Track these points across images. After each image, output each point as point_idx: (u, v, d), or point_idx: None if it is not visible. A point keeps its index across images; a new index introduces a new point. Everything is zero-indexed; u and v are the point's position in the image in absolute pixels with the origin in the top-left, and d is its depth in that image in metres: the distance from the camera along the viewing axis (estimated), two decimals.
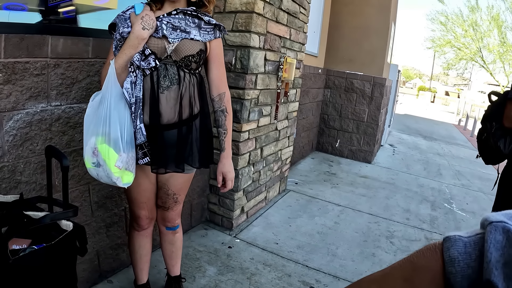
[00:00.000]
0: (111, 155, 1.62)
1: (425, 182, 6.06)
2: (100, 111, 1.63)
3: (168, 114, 1.77)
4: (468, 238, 0.54)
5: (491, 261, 0.48)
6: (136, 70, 1.67)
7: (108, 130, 1.62)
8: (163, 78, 1.73)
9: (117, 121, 1.63)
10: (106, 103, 1.62)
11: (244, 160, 3.42)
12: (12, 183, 1.82)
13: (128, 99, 1.66)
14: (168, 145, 1.80)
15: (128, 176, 1.70)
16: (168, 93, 1.74)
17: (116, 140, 1.62)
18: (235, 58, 3.14)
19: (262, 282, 2.74)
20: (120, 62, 1.65)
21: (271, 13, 3.26)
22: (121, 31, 1.68)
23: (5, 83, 1.70)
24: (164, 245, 2.26)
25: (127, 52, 1.65)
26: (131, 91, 1.66)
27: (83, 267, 2.31)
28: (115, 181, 1.66)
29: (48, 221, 1.37)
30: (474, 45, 24.89)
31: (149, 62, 1.68)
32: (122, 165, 1.64)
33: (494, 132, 2.61)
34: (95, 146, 1.62)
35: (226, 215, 3.50)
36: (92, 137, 1.63)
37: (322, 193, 4.83)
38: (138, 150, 1.75)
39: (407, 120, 15.87)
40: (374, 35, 6.51)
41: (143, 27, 1.63)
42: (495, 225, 0.51)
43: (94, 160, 1.63)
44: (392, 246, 3.56)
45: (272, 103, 3.71)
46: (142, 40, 1.65)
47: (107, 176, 1.64)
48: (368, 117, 6.63)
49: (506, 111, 2.53)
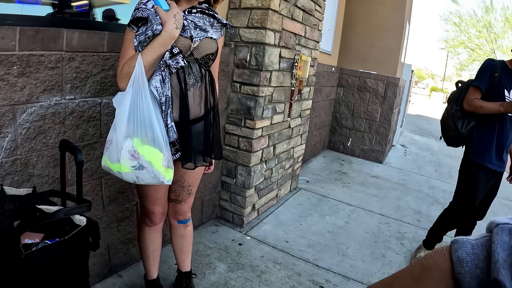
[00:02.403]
0: (157, 156, 1.60)
1: (436, 184, 6.00)
2: (134, 112, 1.59)
3: (195, 110, 1.79)
4: (476, 240, 0.56)
5: (498, 261, 0.50)
6: (165, 69, 1.66)
7: (149, 130, 1.60)
8: (188, 76, 1.73)
9: (155, 121, 1.61)
10: (140, 103, 1.59)
11: (257, 157, 3.40)
12: (25, 176, 1.82)
13: (158, 98, 1.64)
14: (195, 140, 1.82)
15: (170, 173, 1.69)
16: (194, 90, 1.76)
17: (159, 140, 1.61)
18: (250, 55, 3.12)
19: (272, 280, 2.72)
20: (149, 60, 1.61)
21: (286, 10, 3.23)
22: (154, 28, 1.60)
23: (19, 75, 1.69)
24: (175, 239, 2.26)
25: (158, 50, 1.61)
26: (161, 90, 1.65)
27: (93, 261, 2.31)
28: (163, 180, 1.65)
29: (62, 216, 1.36)
30: (488, 46, 24.63)
31: (177, 61, 1.66)
32: (166, 164, 1.64)
33: (454, 113, 3.01)
34: (134, 148, 1.58)
35: (237, 212, 3.49)
36: (128, 140, 1.58)
37: (333, 192, 4.81)
38: (171, 147, 1.74)
39: (419, 121, 15.76)
40: (389, 34, 6.45)
41: (176, 26, 1.60)
42: (501, 227, 0.53)
43: (135, 163, 1.59)
44: (402, 248, 3.53)
45: (286, 100, 3.69)
46: (173, 39, 1.62)
47: (154, 177, 1.62)
48: (381, 117, 6.58)
49: (466, 95, 2.93)
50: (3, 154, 1.70)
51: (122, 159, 1.58)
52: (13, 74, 1.67)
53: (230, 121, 3.34)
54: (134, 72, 1.60)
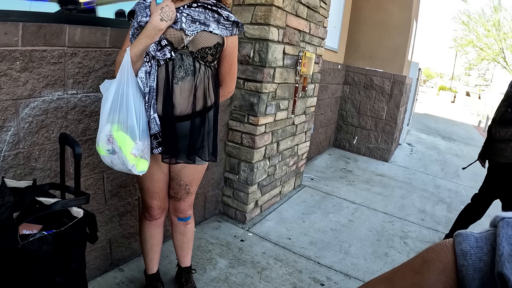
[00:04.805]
0: (128, 143, 1.62)
1: (442, 183, 5.98)
2: (116, 99, 1.63)
3: (182, 105, 1.76)
4: (480, 234, 0.56)
5: (503, 255, 0.50)
6: (151, 60, 1.68)
7: (125, 118, 1.62)
8: (178, 69, 1.72)
9: (133, 109, 1.63)
10: (122, 91, 1.63)
11: (260, 154, 3.41)
12: (27, 170, 1.84)
13: (142, 88, 1.66)
14: (181, 136, 1.79)
15: (143, 164, 1.71)
16: (182, 83, 1.73)
17: (133, 128, 1.63)
18: (253, 51, 3.13)
19: (272, 277, 2.73)
20: (136, 51, 1.65)
21: (290, 6, 3.23)
22: (139, 20, 1.67)
23: (22, 70, 1.71)
24: (175, 236, 2.27)
25: (143, 41, 1.64)
26: (145, 80, 1.67)
27: (94, 255, 2.33)
28: (130, 169, 1.66)
29: (59, 208, 1.38)
30: (497, 46, 24.46)
31: (164, 53, 1.67)
32: (137, 153, 1.65)
33: None
34: (110, 133, 1.62)
35: (239, 208, 3.50)
36: (108, 124, 1.63)
37: (337, 190, 4.81)
38: (153, 140, 1.75)
39: (426, 120, 15.67)
40: (395, 32, 6.42)
41: (162, 18, 1.62)
42: (507, 220, 0.53)
43: (109, 147, 1.63)
44: (405, 247, 3.52)
45: (290, 97, 3.69)
46: (159, 31, 1.64)
47: (122, 163, 1.65)
48: (387, 115, 6.56)
49: None
50: (5, 147, 1.73)
51: (101, 142, 1.65)
52: (16, 69, 1.69)
53: (233, 117, 3.35)
54: (122, 62, 1.64)
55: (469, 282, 0.52)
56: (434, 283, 0.56)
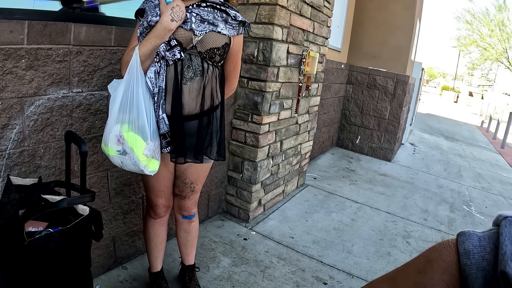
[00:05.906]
0: (139, 143, 1.62)
1: (444, 183, 5.97)
2: (126, 99, 1.62)
3: (190, 105, 1.76)
4: (482, 233, 0.57)
5: (506, 253, 0.50)
6: (160, 60, 1.67)
7: (136, 118, 1.61)
8: (187, 69, 1.71)
9: (144, 109, 1.62)
10: (132, 90, 1.61)
11: (263, 153, 3.41)
12: (32, 167, 1.85)
13: (151, 88, 1.66)
14: (189, 135, 1.79)
15: (154, 164, 1.71)
16: (191, 84, 1.73)
17: (144, 129, 1.62)
18: (257, 50, 3.13)
19: (275, 275, 2.73)
20: (145, 51, 1.63)
21: (294, 5, 3.23)
22: (149, 19, 1.64)
23: (27, 68, 1.72)
24: (180, 234, 2.28)
25: (153, 41, 1.63)
26: (154, 80, 1.67)
27: (98, 252, 2.34)
28: (142, 169, 1.66)
29: (65, 205, 1.38)
30: (500, 46, 24.40)
31: (174, 53, 1.66)
32: (149, 153, 1.65)
33: None
34: (120, 134, 1.61)
35: (243, 207, 3.50)
36: (117, 125, 1.62)
37: (340, 189, 4.80)
38: (162, 139, 1.75)
39: (429, 120, 15.66)
40: (399, 32, 6.41)
41: (172, 18, 1.60)
42: (509, 219, 0.54)
43: (120, 148, 1.62)
44: (408, 246, 3.52)
45: (294, 96, 3.69)
46: (169, 31, 1.63)
47: (134, 164, 1.64)
48: (390, 115, 6.55)
49: None
50: (11, 145, 1.73)
51: (110, 143, 1.63)
52: (21, 67, 1.69)
53: (237, 116, 3.35)
54: (130, 61, 1.63)
55: (472, 281, 0.53)
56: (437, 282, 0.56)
